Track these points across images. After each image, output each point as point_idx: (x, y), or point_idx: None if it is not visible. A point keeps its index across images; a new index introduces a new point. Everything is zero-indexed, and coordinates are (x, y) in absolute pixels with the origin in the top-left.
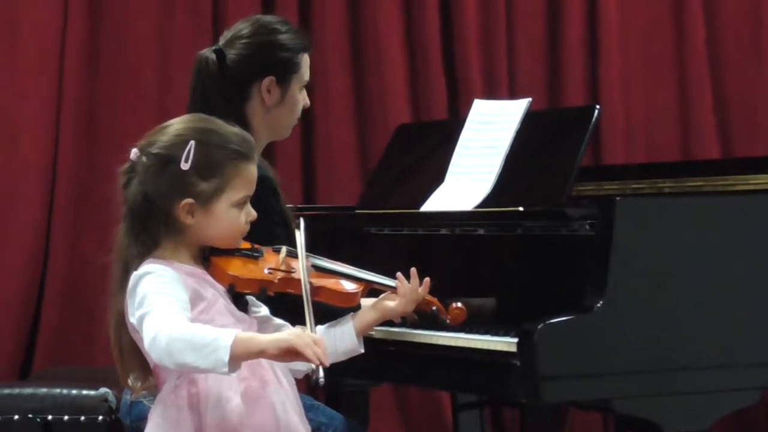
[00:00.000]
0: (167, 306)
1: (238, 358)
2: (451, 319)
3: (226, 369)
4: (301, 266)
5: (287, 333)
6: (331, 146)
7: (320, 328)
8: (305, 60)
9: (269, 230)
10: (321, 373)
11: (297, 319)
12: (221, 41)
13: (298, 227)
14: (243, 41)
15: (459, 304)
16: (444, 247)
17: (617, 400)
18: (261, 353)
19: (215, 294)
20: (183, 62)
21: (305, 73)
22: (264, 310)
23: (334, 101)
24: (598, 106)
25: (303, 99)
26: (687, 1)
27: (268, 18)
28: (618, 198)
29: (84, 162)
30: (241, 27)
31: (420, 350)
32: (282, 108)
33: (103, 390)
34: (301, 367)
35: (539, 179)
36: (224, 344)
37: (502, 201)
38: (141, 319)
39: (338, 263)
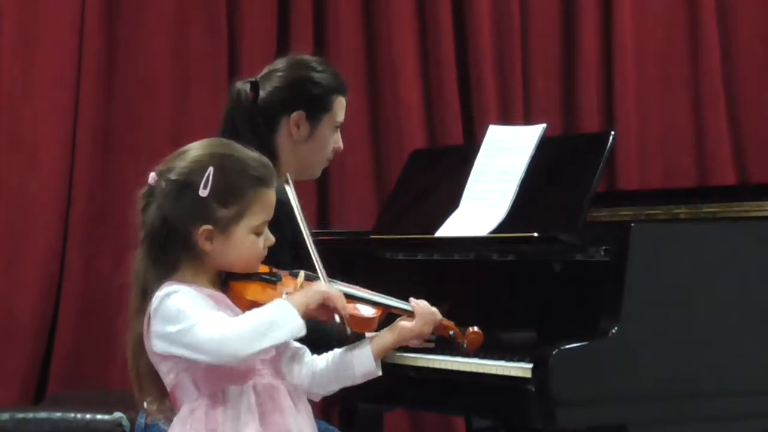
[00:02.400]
0: (210, 312)
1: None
2: (468, 343)
3: (304, 330)
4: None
5: (315, 285)
6: (346, 170)
7: (337, 351)
8: (339, 102)
9: (271, 253)
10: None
11: (316, 347)
12: (259, 75)
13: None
14: (278, 74)
15: (476, 329)
16: (459, 273)
17: (632, 425)
18: (306, 306)
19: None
20: (199, 80)
21: (338, 114)
22: None
23: (348, 125)
24: (612, 132)
25: (336, 141)
26: (702, 22)
27: (308, 57)
28: (633, 224)
29: (100, 181)
30: (279, 62)
31: (434, 375)
32: (310, 145)
33: (117, 414)
34: (318, 390)
35: (554, 205)
36: (289, 312)
37: (516, 227)
38: (183, 333)
39: (356, 287)
